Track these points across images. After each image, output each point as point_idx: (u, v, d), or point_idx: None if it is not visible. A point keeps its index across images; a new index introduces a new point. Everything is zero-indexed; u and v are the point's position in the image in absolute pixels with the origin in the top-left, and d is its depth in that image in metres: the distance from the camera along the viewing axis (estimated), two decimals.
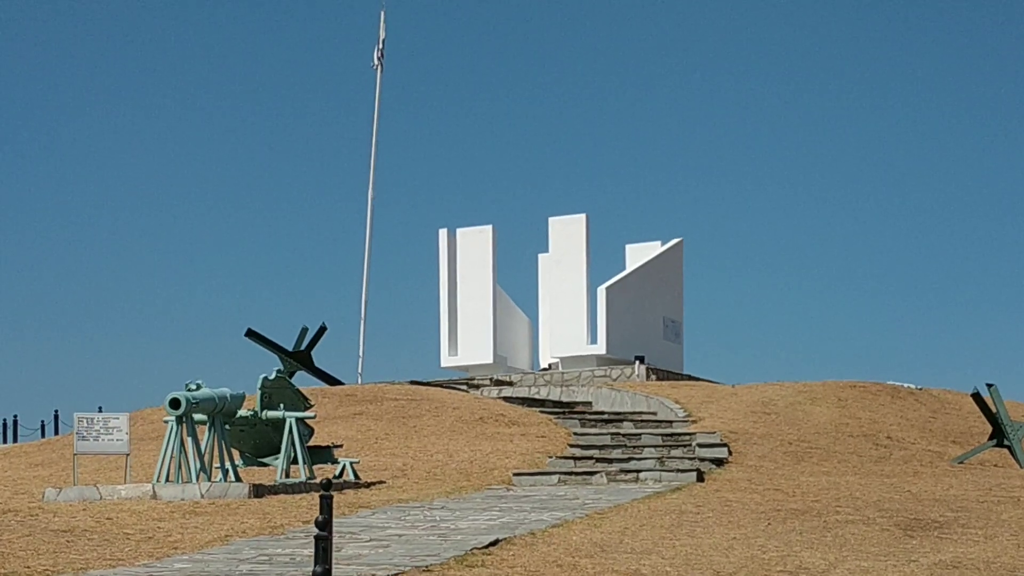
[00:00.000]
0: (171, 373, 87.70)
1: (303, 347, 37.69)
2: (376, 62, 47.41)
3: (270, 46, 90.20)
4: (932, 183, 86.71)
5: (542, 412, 31.80)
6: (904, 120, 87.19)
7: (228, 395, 22.26)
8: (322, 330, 38.02)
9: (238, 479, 22.18)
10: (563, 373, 42.56)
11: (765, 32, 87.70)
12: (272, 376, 23.49)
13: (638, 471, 23.90)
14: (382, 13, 47.17)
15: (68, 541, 16.21)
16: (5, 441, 41.83)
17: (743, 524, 17.44)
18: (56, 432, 43.36)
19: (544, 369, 45.27)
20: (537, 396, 36.52)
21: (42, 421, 45.23)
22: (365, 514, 19.10)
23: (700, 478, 23.19)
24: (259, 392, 23.24)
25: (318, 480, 22.77)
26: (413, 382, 38.65)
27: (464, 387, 38.69)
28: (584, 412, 32.69)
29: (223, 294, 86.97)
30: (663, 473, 23.57)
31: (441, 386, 38.12)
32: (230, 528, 17.44)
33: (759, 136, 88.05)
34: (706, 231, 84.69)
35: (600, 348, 43.14)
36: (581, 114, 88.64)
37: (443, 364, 45.76)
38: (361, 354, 44.85)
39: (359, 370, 44.59)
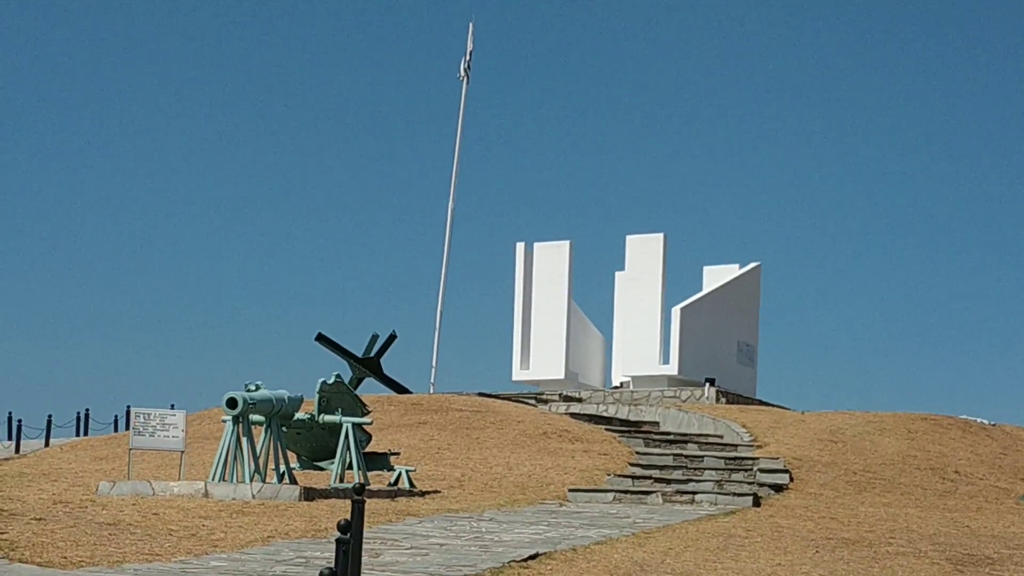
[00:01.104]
0: (248, 374, 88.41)
1: (372, 354, 37.63)
2: (463, 73, 47.61)
3: (361, 54, 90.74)
4: (1013, 215, 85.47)
5: (608, 430, 31.62)
6: (981, 158, 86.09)
7: (286, 397, 22.27)
8: (392, 338, 37.97)
9: (293, 481, 22.18)
10: (633, 392, 42.29)
11: (850, 64, 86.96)
12: (331, 380, 23.42)
13: (694, 493, 23.65)
14: (471, 25, 47.35)
15: (110, 534, 16.24)
16: (77, 434, 42.15)
17: (790, 551, 17.15)
18: (128, 427, 43.57)
19: (615, 387, 45.01)
20: (604, 414, 36.34)
21: (115, 416, 45.52)
22: (412, 522, 19.01)
23: (756, 503, 22.90)
24: (317, 396, 23.20)
25: (372, 486, 22.74)
26: (481, 394, 38.56)
27: (532, 401, 38.57)
28: (650, 432, 32.48)
29: (302, 298, 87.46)
30: (719, 496, 23.30)
31: (509, 399, 38.01)
32: (274, 529, 17.41)
33: (840, 170, 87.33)
34: (785, 256, 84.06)
35: (672, 369, 42.82)
36: (663, 134, 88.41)
37: (515, 378, 45.63)
38: (434, 364, 44.90)
39: (432, 380, 44.65)
